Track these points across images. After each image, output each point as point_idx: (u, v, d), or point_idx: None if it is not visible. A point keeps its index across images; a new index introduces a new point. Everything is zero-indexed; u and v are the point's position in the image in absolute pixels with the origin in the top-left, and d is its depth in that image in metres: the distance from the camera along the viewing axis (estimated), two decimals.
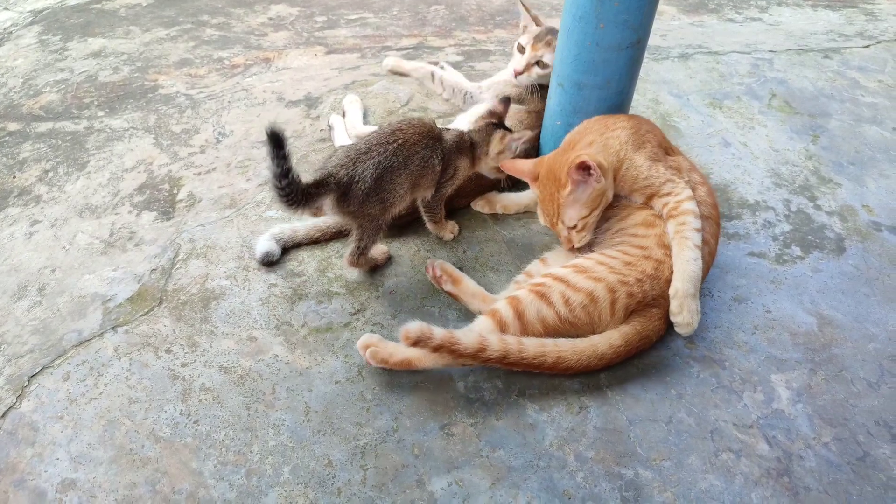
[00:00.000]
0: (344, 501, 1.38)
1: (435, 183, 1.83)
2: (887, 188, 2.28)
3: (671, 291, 1.62)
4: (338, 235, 1.95)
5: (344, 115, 2.37)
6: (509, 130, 1.89)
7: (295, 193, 1.57)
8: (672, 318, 1.62)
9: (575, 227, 1.71)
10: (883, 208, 2.19)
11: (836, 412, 1.60)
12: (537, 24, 2.21)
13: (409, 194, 1.78)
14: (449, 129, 1.89)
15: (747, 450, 1.51)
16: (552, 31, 2.13)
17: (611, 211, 1.81)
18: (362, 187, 1.66)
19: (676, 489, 1.43)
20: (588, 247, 1.80)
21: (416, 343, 1.52)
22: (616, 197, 1.77)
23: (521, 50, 2.16)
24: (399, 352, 1.59)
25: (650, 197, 1.74)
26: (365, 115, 2.44)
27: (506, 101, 1.97)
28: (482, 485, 1.42)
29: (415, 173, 1.74)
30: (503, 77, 2.31)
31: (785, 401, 1.62)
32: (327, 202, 1.68)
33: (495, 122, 1.90)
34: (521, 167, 1.80)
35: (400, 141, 1.72)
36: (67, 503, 1.37)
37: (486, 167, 1.91)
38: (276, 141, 1.51)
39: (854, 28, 3.33)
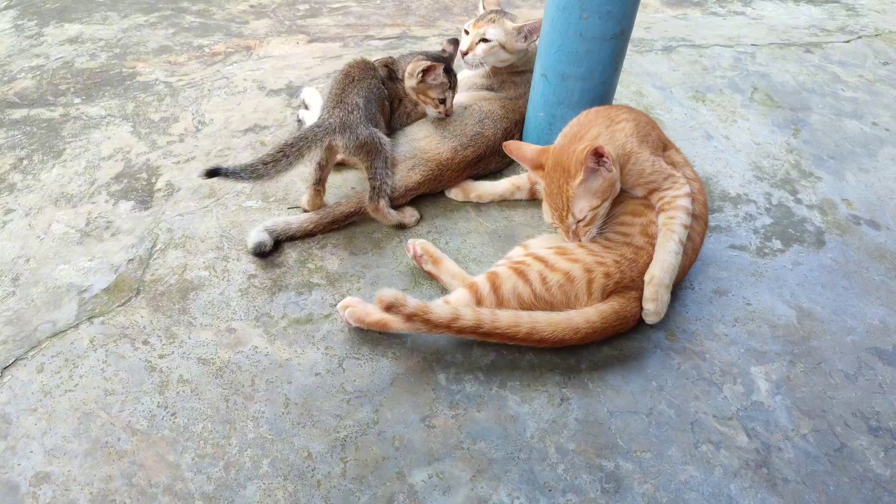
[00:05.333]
0: (323, 494, 1.37)
1: (387, 112, 2.04)
2: (866, 182, 2.30)
3: (647, 277, 1.63)
4: (332, 226, 1.92)
5: (308, 109, 2.34)
6: (449, 71, 2.00)
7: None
8: (644, 304, 1.63)
9: (583, 219, 1.69)
10: (862, 202, 2.21)
11: (814, 404, 1.61)
12: (485, 9, 2.22)
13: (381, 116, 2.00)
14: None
15: (727, 441, 1.52)
16: (499, 11, 2.16)
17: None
18: (358, 115, 1.85)
19: (656, 481, 1.44)
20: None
21: (390, 308, 1.52)
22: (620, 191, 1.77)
23: (467, 33, 2.17)
24: (376, 312, 1.60)
25: (651, 192, 1.74)
26: None
27: (454, 41, 2.14)
28: (463, 477, 1.42)
29: (375, 95, 1.96)
30: (469, 72, 2.28)
31: (764, 393, 1.63)
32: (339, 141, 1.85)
33: (435, 58, 2.01)
34: (525, 152, 1.75)
35: (353, 76, 1.94)
36: (41, 496, 1.34)
37: (411, 95, 2.05)
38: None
39: (835, 23, 3.35)
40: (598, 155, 1.61)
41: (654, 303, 1.63)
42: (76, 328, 1.65)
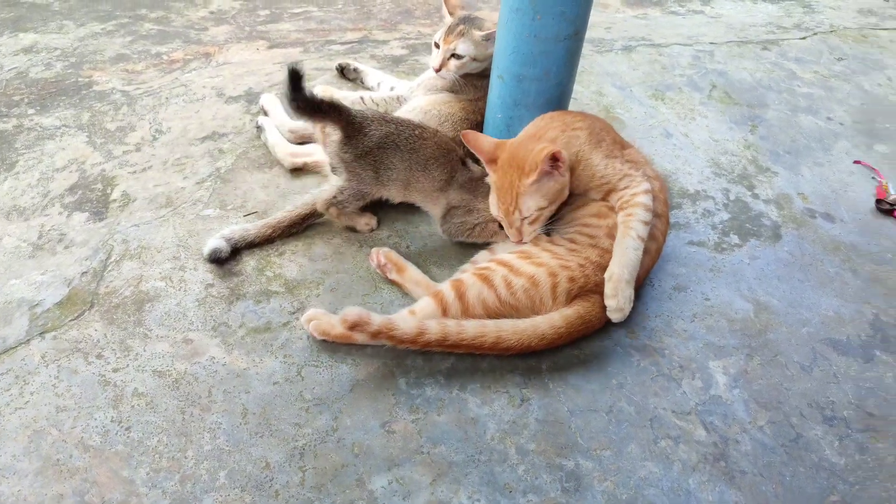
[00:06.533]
0: None
1: (438, 202, 1.90)
2: (821, 176, 2.34)
3: (606, 275, 1.63)
4: (289, 231, 1.90)
5: (267, 115, 2.32)
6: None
7: (303, 100, 1.71)
8: (606, 302, 1.63)
9: (528, 218, 1.70)
10: (817, 196, 2.25)
11: (770, 396, 1.63)
12: (451, 15, 2.18)
13: (403, 187, 1.88)
14: (471, 168, 1.95)
15: (685, 436, 1.53)
16: (466, 20, 2.10)
17: (566, 200, 1.82)
18: (365, 143, 1.78)
19: (616, 478, 1.45)
20: (546, 235, 1.80)
21: (354, 327, 1.53)
22: (571, 195, 1.78)
23: (437, 46, 2.14)
24: (341, 325, 1.58)
25: (607, 193, 1.75)
26: None
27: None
28: (423, 481, 1.41)
29: (413, 168, 1.84)
30: (429, 73, 2.27)
31: (722, 386, 1.64)
32: (334, 135, 1.81)
33: None
34: (482, 144, 1.75)
35: (419, 133, 1.86)
36: None
37: None
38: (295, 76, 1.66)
39: (792, 20, 3.41)
40: (554, 159, 1.62)
41: (615, 299, 1.64)
42: (27, 344, 1.62)
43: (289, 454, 1.44)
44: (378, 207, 2.00)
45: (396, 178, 1.86)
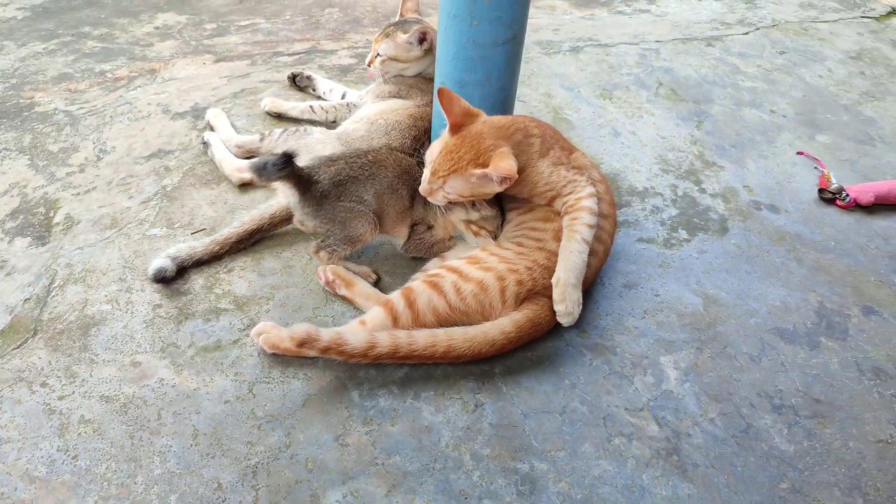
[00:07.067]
0: None
1: (406, 221, 1.86)
2: (765, 168, 2.39)
3: (553, 280, 1.65)
4: (237, 247, 1.88)
5: (213, 130, 2.30)
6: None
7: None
8: (554, 307, 1.65)
9: (446, 192, 1.69)
10: (762, 188, 2.29)
11: (721, 388, 1.66)
12: (402, 16, 2.29)
13: (382, 217, 1.81)
14: None
15: (638, 433, 1.55)
16: (399, 23, 2.22)
17: (513, 205, 1.85)
18: (319, 188, 1.73)
19: (571, 478, 1.46)
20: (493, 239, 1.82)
21: (302, 345, 1.52)
22: (515, 198, 1.81)
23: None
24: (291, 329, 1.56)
25: (551, 199, 1.76)
26: (253, 123, 2.38)
27: None
28: (378, 493, 1.40)
29: (382, 194, 1.79)
30: (376, 81, 2.30)
31: (673, 381, 1.67)
32: (292, 199, 1.76)
33: None
34: (454, 107, 1.69)
35: (372, 158, 1.81)
36: None
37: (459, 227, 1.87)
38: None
39: (735, 16, 3.48)
40: (505, 175, 1.62)
41: (563, 304, 1.65)
42: None
43: (241, 473, 1.42)
44: None
45: (367, 210, 1.78)
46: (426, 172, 1.73)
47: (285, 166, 1.64)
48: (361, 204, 1.77)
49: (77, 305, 1.74)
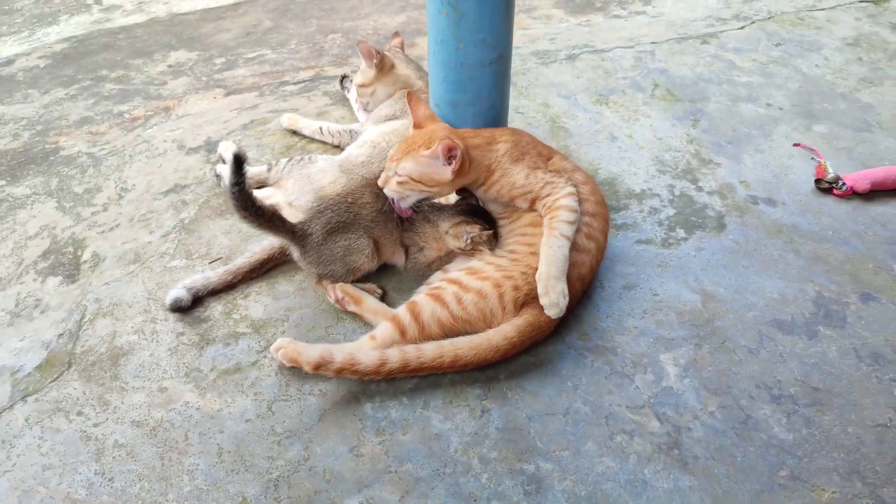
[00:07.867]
0: None
1: (399, 246, 1.96)
2: (762, 162, 2.43)
3: (537, 276, 1.72)
4: (249, 276, 2.00)
5: (225, 162, 2.42)
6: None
7: (245, 201, 1.76)
8: (540, 301, 1.71)
9: (399, 177, 1.78)
10: (759, 182, 2.34)
11: (720, 382, 1.72)
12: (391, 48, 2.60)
13: (373, 252, 1.92)
14: None
15: (640, 429, 1.62)
16: (380, 53, 2.46)
17: (503, 214, 1.93)
18: (314, 240, 1.85)
19: (575, 476, 1.53)
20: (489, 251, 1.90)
21: (318, 368, 1.62)
22: (495, 200, 1.91)
23: None
24: (307, 351, 1.67)
25: (532, 202, 1.84)
26: (262, 153, 2.50)
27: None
28: (392, 499, 1.49)
29: (372, 230, 1.91)
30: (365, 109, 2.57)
31: (673, 378, 1.73)
32: (294, 253, 1.91)
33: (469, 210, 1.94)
34: (418, 110, 1.89)
35: (352, 200, 1.91)
36: None
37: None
38: (238, 162, 1.72)
39: (731, 11, 3.52)
40: (449, 149, 1.72)
41: (547, 296, 1.71)
42: (11, 409, 1.70)
43: (264, 487, 1.52)
44: None
45: (367, 246, 1.91)
46: (385, 174, 1.85)
47: (239, 196, 1.76)
48: (356, 241, 1.89)
49: (107, 338, 1.87)
